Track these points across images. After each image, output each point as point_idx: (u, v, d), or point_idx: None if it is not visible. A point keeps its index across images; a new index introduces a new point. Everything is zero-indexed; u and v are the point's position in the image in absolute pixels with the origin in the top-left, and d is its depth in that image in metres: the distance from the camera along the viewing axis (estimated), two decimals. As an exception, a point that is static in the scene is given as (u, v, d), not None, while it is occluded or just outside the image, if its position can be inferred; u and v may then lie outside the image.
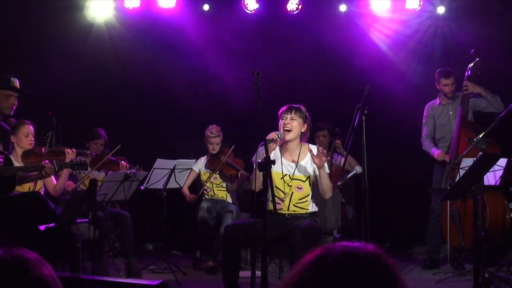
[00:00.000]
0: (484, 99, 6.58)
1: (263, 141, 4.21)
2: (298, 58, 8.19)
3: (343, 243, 1.30)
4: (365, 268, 1.23)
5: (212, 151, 6.89)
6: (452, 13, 7.77)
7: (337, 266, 1.23)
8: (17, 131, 5.61)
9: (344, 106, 6.62)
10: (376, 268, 1.24)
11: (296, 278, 1.27)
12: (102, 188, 5.62)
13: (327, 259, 1.25)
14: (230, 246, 4.70)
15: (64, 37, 7.55)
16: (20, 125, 5.64)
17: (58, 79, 7.44)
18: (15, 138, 5.61)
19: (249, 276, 4.59)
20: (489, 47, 6.87)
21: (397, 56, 8.09)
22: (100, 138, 6.68)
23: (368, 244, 1.29)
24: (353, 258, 1.25)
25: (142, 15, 7.87)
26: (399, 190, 7.82)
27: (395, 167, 7.82)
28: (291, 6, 7.75)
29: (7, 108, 4.94)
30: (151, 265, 6.46)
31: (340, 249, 1.27)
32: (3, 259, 1.30)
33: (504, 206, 6.30)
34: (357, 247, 1.28)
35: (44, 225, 5.05)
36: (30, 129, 5.68)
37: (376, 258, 1.26)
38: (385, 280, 1.23)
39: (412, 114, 7.27)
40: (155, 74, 8.17)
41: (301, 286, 1.26)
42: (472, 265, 4.77)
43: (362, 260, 1.24)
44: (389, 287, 1.23)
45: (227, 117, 7.62)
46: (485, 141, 5.59)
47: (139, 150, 6.70)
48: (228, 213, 6.67)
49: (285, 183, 4.86)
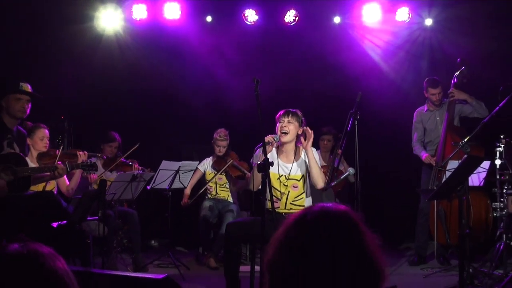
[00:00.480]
0: (469, 105, 6.59)
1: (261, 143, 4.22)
2: (295, 66, 8.18)
3: (320, 204, 1.49)
4: (337, 221, 1.42)
5: (218, 153, 6.91)
6: (439, 25, 7.79)
7: (315, 221, 1.42)
8: (33, 134, 5.63)
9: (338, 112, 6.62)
10: (346, 221, 1.43)
11: (282, 235, 1.44)
12: (111, 188, 5.63)
13: (306, 216, 1.44)
14: (231, 243, 4.70)
15: (76, 46, 7.55)
16: (36, 129, 5.66)
17: (70, 86, 7.45)
18: (31, 140, 5.62)
19: (249, 270, 4.58)
20: (474, 57, 6.87)
21: (388, 65, 8.11)
22: (115, 141, 6.68)
23: (340, 205, 1.49)
24: (327, 214, 1.44)
25: (149, 26, 7.87)
26: (389, 190, 7.82)
27: (386, 168, 7.82)
28: (289, 18, 7.76)
29: (19, 111, 4.92)
30: (156, 260, 6.46)
31: (317, 208, 1.46)
32: (20, 253, 1.30)
33: (487, 205, 6.31)
34: (331, 206, 1.47)
35: (56, 223, 5.05)
36: (45, 132, 5.70)
37: (345, 213, 1.44)
38: (353, 230, 1.41)
39: (401, 119, 7.27)
40: (161, 81, 8.17)
41: (287, 241, 1.42)
42: (457, 261, 4.77)
43: (334, 215, 1.43)
44: (355, 235, 1.41)
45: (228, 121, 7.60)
46: (469, 145, 5.60)
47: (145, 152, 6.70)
48: (229, 212, 6.67)
49: (282, 183, 4.87)
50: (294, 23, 7.78)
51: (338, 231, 1.39)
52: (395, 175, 7.81)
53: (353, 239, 1.40)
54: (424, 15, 7.81)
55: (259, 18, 7.80)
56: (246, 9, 7.76)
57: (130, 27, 7.93)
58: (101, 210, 5.11)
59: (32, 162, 5.49)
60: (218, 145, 6.90)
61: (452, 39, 7.59)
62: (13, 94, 4.90)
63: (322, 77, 8.07)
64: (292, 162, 4.89)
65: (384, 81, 8.01)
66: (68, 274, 1.34)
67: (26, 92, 4.96)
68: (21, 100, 4.92)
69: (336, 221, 1.41)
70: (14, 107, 4.89)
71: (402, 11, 7.61)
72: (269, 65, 7.87)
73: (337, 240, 1.38)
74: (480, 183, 5.88)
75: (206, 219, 6.65)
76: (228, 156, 6.91)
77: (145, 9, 7.72)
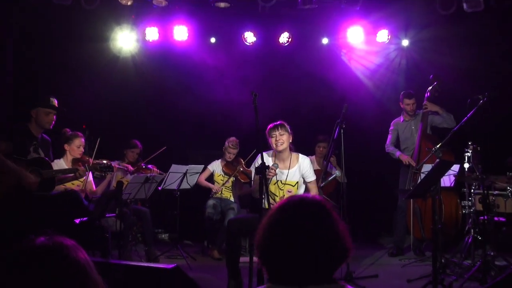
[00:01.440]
0: (440, 116, 6.61)
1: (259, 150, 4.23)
2: (289, 81, 8.21)
3: (301, 195, 1.68)
4: (311, 207, 1.56)
5: (228, 159, 6.93)
6: (414, 46, 7.82)
7: (294, 207, 1.56)
8: (71, 142, 5.63)
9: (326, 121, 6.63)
10: (319, 207, 1.56)
11: (270, 218, 1.57)
12: (127, 189, 5.62)
13: (289, 203, 1.58)
14: (232, 237, 4.69)
15: (97, 62, 7.58)
16: (74, 137, 5.66)
17: (91, 98, 7.44)
18: (69, 146, 5.63)
19: (248, 261, 4.60)
20: (445, 73, 6.90)
21: (370, 80, 8.14)
22: (137, 148, 6.78)
23: (316, 196, 1.66)
24: (306, 201, 1.58)
25: (161, 46, 7.89)
26: (371, 190, 7.82)
27: (368, 171, 7.82)
28: (283, 39, 7.79)
29: (47, 123, 4.95)
30: (166, 252, 6.44)
31: (298, 197, 1.61)
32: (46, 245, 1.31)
33: (457, 204, 6.32)
34: (308, 196, 1.63)
35: (79, 219, 5.05)
36: (82, 141, 5.70)
37: (320, 201, 1.59)
38: (324, 214, 1.55)
39: (381, 127, 7.27)
40: (171, 94, 8.18)
41: (273, 223, 1.55)
42: (431, 252, 4.76)
43: (310, 202, 1.58)
44: (326, 218, 1.54)
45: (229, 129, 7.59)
46: (441, 150, 5.62)
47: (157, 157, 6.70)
48: (231, 209, 6.66)
49: (278, 188, 4.86)
50: (288, 43, 7.81)
51: (312, 215, 1.53)
52: (376, 176, 7.82)
53: (325, 221, 1.53)
54: (401, 36, 7.85)
55: (257, 39, 7.83)
56: (246, 32, 7.80)
57: (144, 47, 7.95)
58: (118, 208, 5.10)
59: (67, 165, 5.55)
60: (229, 152, 6.92)
61: (426, 58, 7.62)
62: (44, 108, 4.92)
63: (312, 91, 8.10)
64: (288, 169, 4.87)
65: (366, 94, 8.04)
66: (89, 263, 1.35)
67: (55, 107, 4.97)
68: (50, 114, 4.95)
69: (311, 207, 1.56)
70: (44, 119, 4.91)
71: (382, 33, 7.63)
72: (266, 80, 7.89)
73: (312, 222, 1.51)
74: (451, 184, 5.89)
75: (210, 216, 6.65)
76: (235, 162, 6.93)
77: (156, 32, 7.74)
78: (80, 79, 7.49)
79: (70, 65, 7.43)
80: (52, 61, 7.41)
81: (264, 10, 7.42)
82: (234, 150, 6.92)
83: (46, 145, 5.09)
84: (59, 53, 7.39)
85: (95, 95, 7.52)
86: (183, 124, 8.27)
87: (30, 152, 4.85)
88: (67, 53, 7.37)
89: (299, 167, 4.87)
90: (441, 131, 6.58)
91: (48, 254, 1.29)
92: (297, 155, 4.93)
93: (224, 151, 6.98)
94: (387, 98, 7.83)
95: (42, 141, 5.04)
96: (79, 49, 7.35)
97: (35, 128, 4.94)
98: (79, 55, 7.38)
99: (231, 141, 6.93)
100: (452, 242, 6.27)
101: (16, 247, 1.31)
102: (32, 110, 4.91)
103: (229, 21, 7.78)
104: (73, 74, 7.47)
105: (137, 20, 7.72)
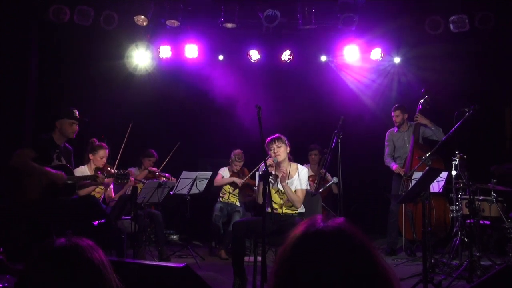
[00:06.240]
0: (429, 129, 6.60)
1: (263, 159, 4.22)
2: (290, 95, 8.22)
3: (319, 218, 1.23)
4: (336, 236, 1.17)
5: (235, 170, 6.95)
6: (406, 63, 7.84)
7: (318, 234, 1.18)
8: (95, 152, 5.60)
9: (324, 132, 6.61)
10: (343, 235, 1.19)
11: (290, 244, 1.20)
12: (141, 193, 5.62)
13: (310, 229, 1.19)
14: (238, 238, 4.67)
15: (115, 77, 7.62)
16: (99, 148, 5.63)
17: (109, 110, 7.47)
18: (93, 156, 5.61)
19: (252, 261, 4.57)
20: (435, 88, 6.90)
21: (365, 94, 8.14)
22: (153, 156, 6.87)
23: (339, 218, 1.24)
24: (318, 229, 1.19)
25: (173, 63, 7.92)
26: (365, 195, 7.78)
27: (363, 178, 7.79)
28: (285, 56, 7.81)
29: (71, 133, 4.96)
30: (177, 252, 6.43)
31: (320, 219, 1.22)
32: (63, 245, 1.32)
33: (446, 208, 6.29)
34: (332, 224, 1.21)
35: (97, 221, 5.04)
36: (106, 153, 5.67)
37: (341, 228, 1.19)
38: (347, 242, 1.18)
39: (375, 138, 7.26)
40: (182, 107, 8.20)
41: (294, 248, 1.19)
42: (421, 253, 4.72)
43: (333, 230, 1.19)
44: (363, 252, 1.18)
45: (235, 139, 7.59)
46: (431, 159, 5.60)
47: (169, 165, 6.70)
48: (236, 212, 6.64)
49: (279, 196, 4.84)
50: (289, 61, 7.83)
51: (348, 250, 1.17)
52: (370, 183, 7.79)
53: (361, 256, 1.17)
54: (394, 54, 7.86)
55: (261, 57, 7.85)
56: (251, 50, 7.83)
57: (158, 63, 7.98)
58: (133, 211, 5.10)
59: (90, 172, 5.53)
60: (235, 164, 6.92)
61: (417, 74, 7.63)
62: (68, 119, 4.92)
63: (311, 103, 8.11)
64: (287, 178, 4.84)
65: (361, 107, 8.03)
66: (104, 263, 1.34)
67: (78, 119, 4.98)
68: (74, 124, 4.95)
69: (335, 236, 1.18)
70: (68, 129, 4.92)
71: (376, 51, 7.65)
72: (269, 94, 7.89)
73: (347, 258, 1.15)
74: (440, 189, 5.85)
75: (218, 218, 6.64)
76: (241, 172, 6.92)
77: (169, 50, 7.78)
78: (100, 94, 7.51)
79: (91, 80, 7.47)
80: (74, 77, 7.44)
81: (268, 30, 7.46)
82: (240, 163, 6.92)
83: (68, 154, 5.09)
84: (80, 69, 7.43)
85: (113, 107, 7.54)
86: (192, 134, 8.26)
87: (54, 160, 4.86)
88: (87, 69, 7.42)
89: (298, 176, 4.84)
90: (431, 142, 6.56)
91: (64, 254, 1.30)
92: (296, 165, 4.91)
93: (230, 163, 6.98)
94: (380, 110, 7.81)
95: (64, 150, 5.04)
96: (99, 66, 7.40)
97: (58, 138, 4.94)
98: (99, 72, 7.42)
99: (236, 154, 6.92)
100: (441, 244, 6.22)
101: (37, 247, 1.31)
102: (56, 121, 4.92)
103: (236, 40, 7.83)
104: (95, 89, 7.51)
105: (152, 39, 7.76)
